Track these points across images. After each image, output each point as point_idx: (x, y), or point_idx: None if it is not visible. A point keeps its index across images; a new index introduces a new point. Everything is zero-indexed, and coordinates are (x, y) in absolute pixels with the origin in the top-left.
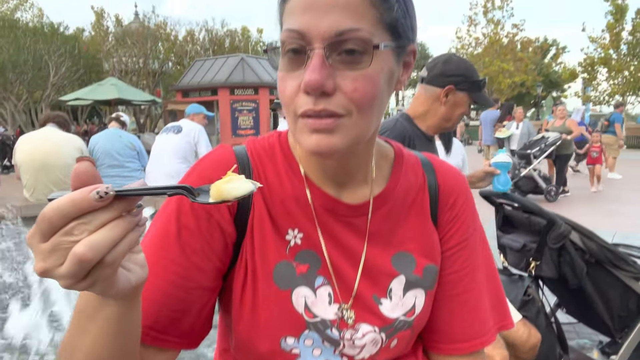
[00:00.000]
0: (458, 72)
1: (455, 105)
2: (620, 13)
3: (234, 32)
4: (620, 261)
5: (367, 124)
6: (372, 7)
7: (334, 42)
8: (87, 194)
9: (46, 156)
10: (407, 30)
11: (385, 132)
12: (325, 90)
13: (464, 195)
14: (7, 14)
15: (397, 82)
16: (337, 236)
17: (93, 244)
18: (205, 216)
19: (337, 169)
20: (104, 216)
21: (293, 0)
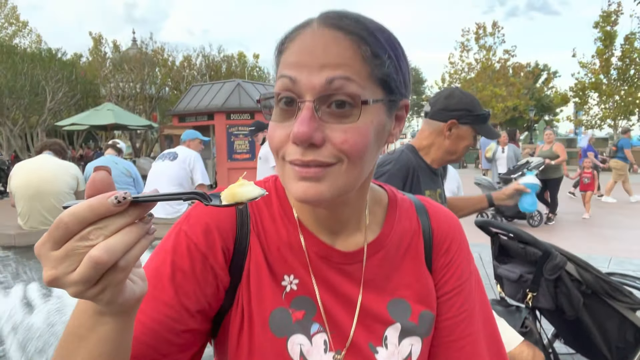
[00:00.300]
0: (460, 107)
1: (459, 139)
2: (609, 39)
3: (231, 57)
4: (616, 292)
5: (357, 175)
6: (364, 62)
7: (324, 95)
8: (105, 199)
9: (41, 184)
10: (400, 86)
11: (390, 162)
12: (314, 142)
13: (459, 239)
14: (5, 39)
15: (389, 135)
16: (332, 283)
17: (109, 248)
18: (200, 259)
19: (330, 217)
20: (120, 221)
21: (288, 54)
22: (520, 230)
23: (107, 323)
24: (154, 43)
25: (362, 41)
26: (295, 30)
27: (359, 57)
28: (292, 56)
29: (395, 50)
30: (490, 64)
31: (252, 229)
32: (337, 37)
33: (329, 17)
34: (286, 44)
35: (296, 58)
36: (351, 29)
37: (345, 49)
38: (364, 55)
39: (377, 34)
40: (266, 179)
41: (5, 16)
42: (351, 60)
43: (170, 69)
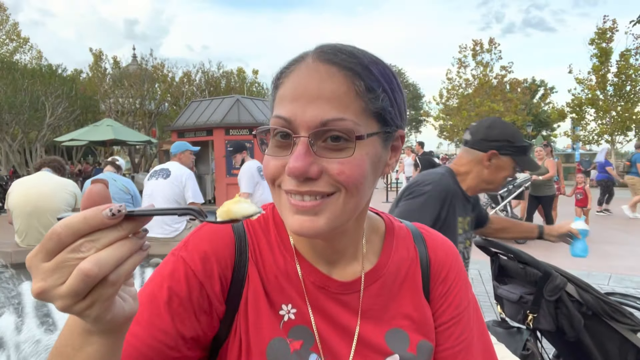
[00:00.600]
0: (502, 137)
1: (499, 169)
2: (605, 56)
3: (230, 73)
4: (616, 313)
5: (354, 205)
6: (358, 97)
7: (318, 130)
8: (99, 211)
9: (38, 201)
10: (394, 118)
11: (430, 183)
12: (309, 176)
13: (456, 267)
14: (6, 55)
15: (386, 166)
16: (329, 313)
17: (100, 261)
18: (197, 286)
19: (327, 247)
20: (112, 235)
21: (283, 89)
22: (520, 251)
23: (95, 343)
24: (154, 59)
25: (356, 76)
26: (291, 65)
27: (353, 92)
28: (287, 92)
29: (390, 83)
30: (488, 80)
31: (251, 257)
32: (331, 72)
33: (323, 52)
34: (282, 79)
35: (291, 94)
36: (345, 63)
37: (339, 84)
38: (358, 90)
39: (371, 67)
40: (264, 206)
41: (6, 32)
42: (345, 95)
43: (169, 85)
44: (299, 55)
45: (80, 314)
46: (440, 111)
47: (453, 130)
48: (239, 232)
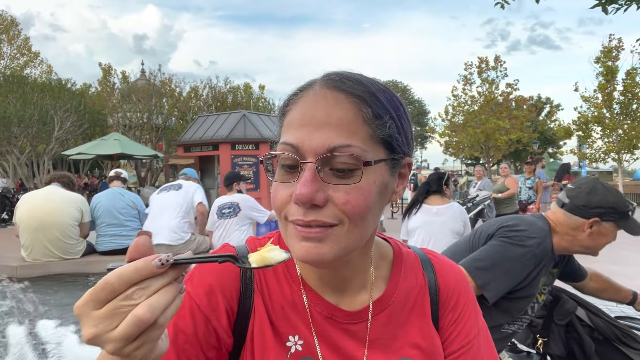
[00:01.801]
0: (604, 204)
1: (601, 236)
2: (610, 74)
3: (237, 88)
4: (627, 338)
5: (359, 235)
6: (365, 124)
7: (325, 157)
8: (149, 262)
9: (45, 216)
10: (402, 145)
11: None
12: (316, 203)
13: (466, 294)
14: (17, 70)
15: (393, 193)
16: (337, 344)
17: (151, 306)
18: (203, 321)
19: (334, 276)
20: (160, 282)
21: (291, 116)
22: None
23: None
24: (162, 74)
25: (364, 103)
26: (298, 93)
27: (360, 118)
28: (294, 119)
29: (397, 111)
30: (493, 97)
31: (256, 288)
32: (338, 99)
33: (331, 79)
34: (289, 106)
35: (299, 121)
36: (353, 90)
37: (346, 111)
38: (365, 117)
39: (378, 95)
40: (270, 234)
41: (17, 47)
42: (353, 122)
43: (177, 100)
44: (307, 83)
45: (129, 356)
46: (446, 127)
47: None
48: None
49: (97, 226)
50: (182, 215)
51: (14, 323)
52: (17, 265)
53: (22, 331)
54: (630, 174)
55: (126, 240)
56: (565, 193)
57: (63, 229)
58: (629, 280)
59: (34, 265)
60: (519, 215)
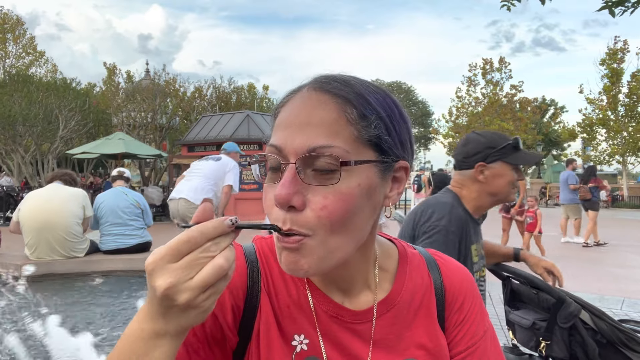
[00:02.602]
0: (480, 148)
1: (497, 177)
2: (616, 77)
3: (241, 89)
4: (632, 342)
5: (341, 243)
6: (349, 124)
7: (305, 157)
8: (222, 221)
9: (49, 215)
10: (393, 147)
11: (442, 217)
12: (293, 205)
13: (472, 295)
14: (22, 69)
15: (385, 198)
16: (342, 343)
17: (228, 257)
18: (210, 317)
19: (336, 277)
20: (228, 240)
21: (279, 119)
22: (533, 276)
23: (162, 346)
24: (167, 74)
25: (348, 104)
26: (288, 96)
27: (344, 119)
28: (281, 121)
29: (389, 111)
30: (498, 99)
31: (263, 286)
32: (322, 100)
33: (318, 81)
34: (278, 109)
35: (284, 122)
36: (337, 91)
37: (329, 111)
38: (350, 117)
39: (367, 96)
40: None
41: (23, 46)
42: (335, 122)
43: (181, 100)
44: (297, 86)
45: (199, 305)
46: (450, 129)
47: None
48: (251, 260)
49: (100, 225)
50: (211, 184)
51: (17, 321)
52: (22, 263)
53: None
54: (635, 176)
55: (130, 239)
56: (453, 155)
57: (67, 228)
58: (634, 284)
59: (37, 263)
60: (425, 201)
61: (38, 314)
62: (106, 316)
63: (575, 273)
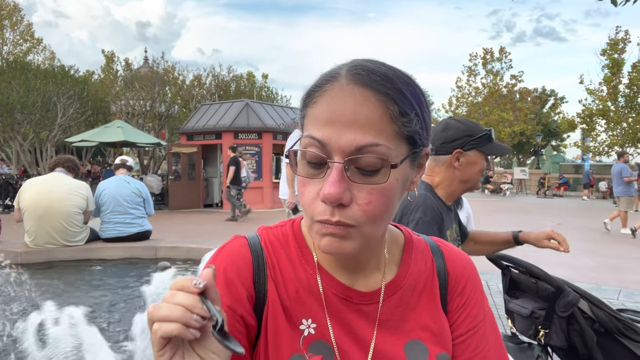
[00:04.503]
0: (460, 135)
1: (470, 165)
2: (616, 67)
3: (240, 77)
4: (629, 331)
5: (378, 230)
6: (391, 122)
7: (353, 157)
8: (190, 280)
9: (51, 204)
10: (423, 138)
11: (417, 209)
12: (342, 202)
13: (473, 280)
14: (20, 56)
15: (411, 184)
16: (350, 325)
17: (156, 307)
18: (229, 313)
19: (349, 259)
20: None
21: (317, 109)
22: (532, 265)
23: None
24: (165, 62)
25: (390, 101)
26: (324, 85)
27: (387, 116)
28: (321, 113)
29: (421, 105)
30: (498, 89)
31: (269, 274)
32: (366, 96)
33: (357, 74)
34: (314, 98)
35: (326, 117)
36: (380, 88)
37: (374, 109)
38: (392, 114)
39: (404, 90)
40: (282, 222)
41: (20, 33)
42: (380, 120)
43: (180, 88)
44: (332, 73)
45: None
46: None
47: None
48: (256, 251)
49: (101, 213)
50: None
51: (18, 309)
52: (21, 251)
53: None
54: (634, 168)
55: (130, 228)
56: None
57: (68, 217)
58: (631, 275)
59: (37, 251)
60: None
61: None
62: (106, 303)
63: (574, 263)
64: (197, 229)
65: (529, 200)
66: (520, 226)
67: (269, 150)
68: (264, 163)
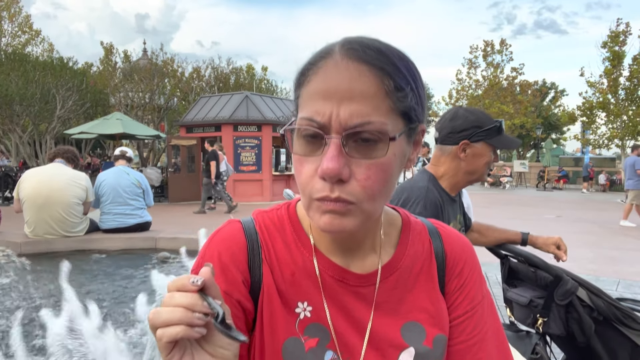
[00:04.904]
0: (468, 125)
1: (477, 157)
2: (617, 59)
3: (239, 69)
4: (628, 319)
5: (378, 206)
6: (387, 97)
7: (350, 132)
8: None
9: (50, 194)
10: (419, 114)
11: (418, 202)
12: (342, 178)
13: (471, 262)
14: (18, 47)
15: (408, 161)
16: (346, 307)
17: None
18: (226, 297)
19: (346, 239)
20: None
21: (311, 86)
22: (531, 254)
23: None
24: (164, 54)
25: (386, 75)
26: (317, 61)
27: (383, 91)
28: (317, 90)
29: (415, 80)
30: (498, 82)
31: (264, 258)
32: (361, 72)
33: (352, 49)
34: (309, 76)
35: (322, 93)
36: (375, 62)
37: (369, 84)
38: (388, 89)
39: (399, 65)
40: (278, 206)
41: (19, 24)
42: (375, 95)
43: (179, 80)
44: (326, 49)
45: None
46: None
47: None
48: (250, 235)
49: (101, 204)
50: None
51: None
52: (21, 241)
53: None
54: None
55: (129, 219)
56: (436, 128)
57: (67, 207)
58: (630, 266)
59: (37, 242)
60: (401, 185)
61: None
62: (106, 293)
63: (572, 255)
64: (196, 221)
65: (529, 193)
66: (518, 219)
67: (268, 142)
68: (263, 156)
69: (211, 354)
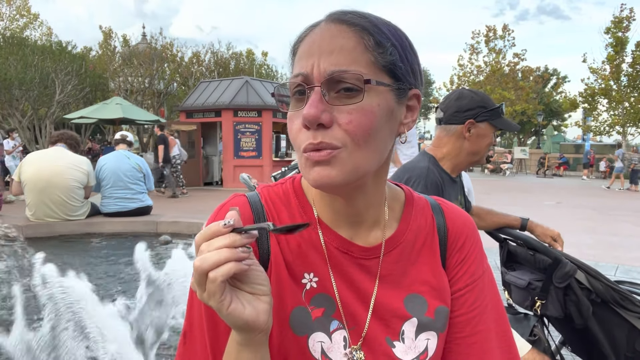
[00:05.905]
0: (474, 105)
1: (480, 137)
2: (620, 45)
3: (239, 54)
4: (626, 301)
5: (365, 157)
6: (367, 51)
7: (329, 79)
8: (219, 223)
9: (52, 177)
10: (406, 75)
11: (418, 183)
12: (322, 122)
13: (472, 237)
14: (16, 31)
15: (400, 124)
16: (351, 278)
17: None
18: None
19: (348, 209)
20: (220, 241)
21: (298, 54)
22: (530, 237)
23: (243, 351)
24: (164, 38)
25: (365, 32)
26: (306, 31)
27: (362, 46)
28: (302, 53)
29: (401, 41)
30: (500, 67)
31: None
32: (341, 30)
33: (334, 14)
34: (298, 45)
35: (305, 53)
36: (355, 21)
37: (348, 39)
38: (367, 44)
39: (380, 26)
40: (283, 180)
41: (17, 8)
42: (354, 49)
43: (179, 65)
44: (313, 23)
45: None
46: None
47: None
48: (257, 208)
49: (102, 188)
50: None
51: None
52: (23, 225)
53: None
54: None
55: (130, 203)
56: (439, 108)
57: (68, 190)
58: (629, 252)
59: (39, 225)
60: (402, 166)
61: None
62: (107, 276)
63: (572, 241)
64: (197, 206)
65: (529, 179)
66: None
67: (268, 128)
68: (263, 142)
69: (250, 292)
